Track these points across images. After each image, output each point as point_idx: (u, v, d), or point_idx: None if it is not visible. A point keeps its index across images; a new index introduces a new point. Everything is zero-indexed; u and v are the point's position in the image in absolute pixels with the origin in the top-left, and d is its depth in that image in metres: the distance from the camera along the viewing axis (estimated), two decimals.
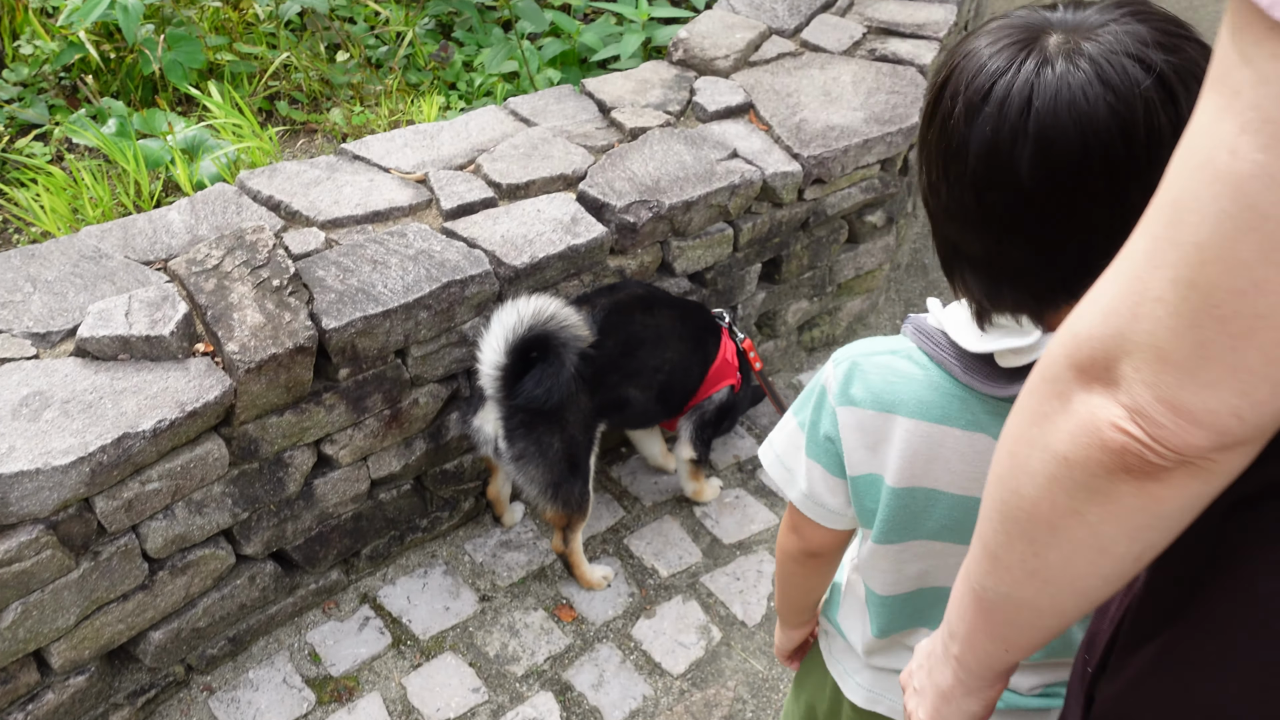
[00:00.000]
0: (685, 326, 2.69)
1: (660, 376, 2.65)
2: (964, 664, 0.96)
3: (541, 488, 2.47)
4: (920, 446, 1.22)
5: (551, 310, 2.27)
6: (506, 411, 2.39)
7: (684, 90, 3.17)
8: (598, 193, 2.69)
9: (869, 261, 3.38)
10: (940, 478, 1.23)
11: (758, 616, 2.70)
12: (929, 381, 1.21)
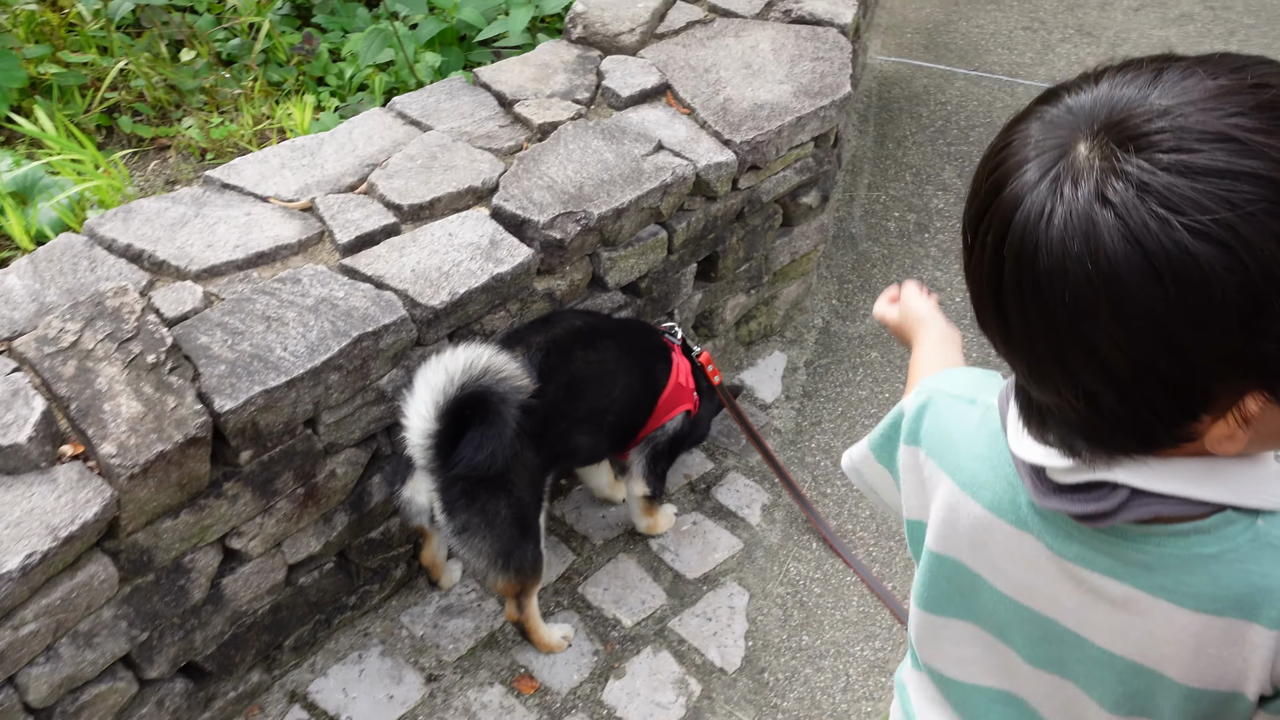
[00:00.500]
0: (631, 356, 2.39)
1: (609, 418, 2.35)
2: None
3: (491, 559, 2.16)
4: (962, 523, 1.06)
5: (485, 362, 1.94)
6: (443, 483, 2.06)
7: (590, 74, 2.83)
8: (515, 207, 2.35)
9: (804, 244, 3.12)
10: (983, 565, 1.07)
11: (737, 660, 2.45)
12: (991, 456, 1.04)
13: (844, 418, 3.03)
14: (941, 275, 3.49)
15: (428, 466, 2.01)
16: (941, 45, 4.68)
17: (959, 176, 3.91)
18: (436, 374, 1.92)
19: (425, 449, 1.98)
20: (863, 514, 2.78)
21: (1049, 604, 1.02)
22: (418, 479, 2.11)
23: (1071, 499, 0.93)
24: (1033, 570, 1.01)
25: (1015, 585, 1.04)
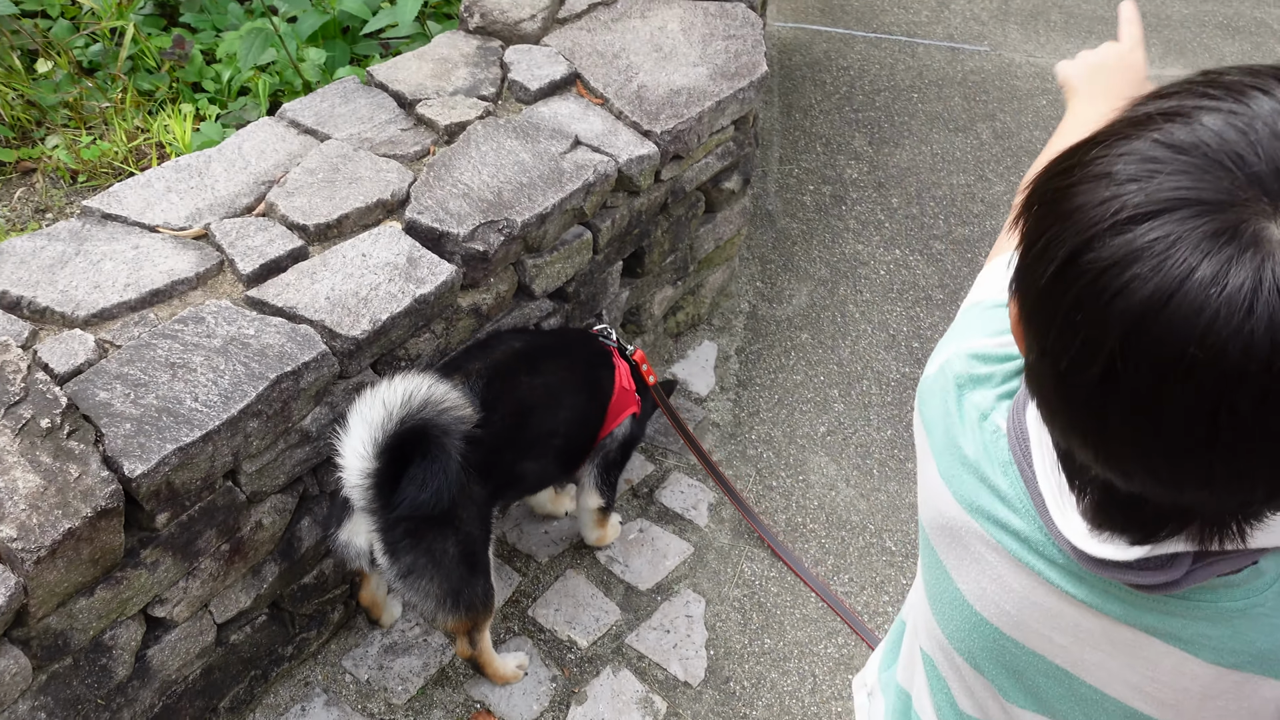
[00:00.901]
0: (575, 372, 2.27)
1: (557, 441, 2.23)
2: None
3: (439, 600, 2.02)
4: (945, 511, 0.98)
5: (425, 394, 1.80)
6: (385, 524, 1.91)
7: (493, 66, 2.66)
8: (431, 219, 2.19)
9: (727, 230, 3.02)
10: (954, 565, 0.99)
11: (700, 672, 2.37)
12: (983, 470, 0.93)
13: (781, 405, 2.95)
14: (863, 248, 3.44)
15: (367, 507, 1.87)
16: (837, 8, 4.61)
17: (869, 144, 3.85)
18: (373, 409, 1.77)
19: (364, 489, 1.83)
20: (811, 505, 2.71)
21: (1040, 640, 0.94)
22: (356, 520, 1.96)
23: (1127, 572, 0.84)
24: (1026, 603, 0.93)
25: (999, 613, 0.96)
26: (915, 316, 3.23)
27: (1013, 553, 0.92)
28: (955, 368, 0.99)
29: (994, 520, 0.93)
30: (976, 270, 3.37)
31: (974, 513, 0.95)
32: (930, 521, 1.02)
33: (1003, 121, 4.00)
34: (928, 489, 1.02)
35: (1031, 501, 0.90)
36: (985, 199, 3.66)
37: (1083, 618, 0.90)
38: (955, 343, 1.01)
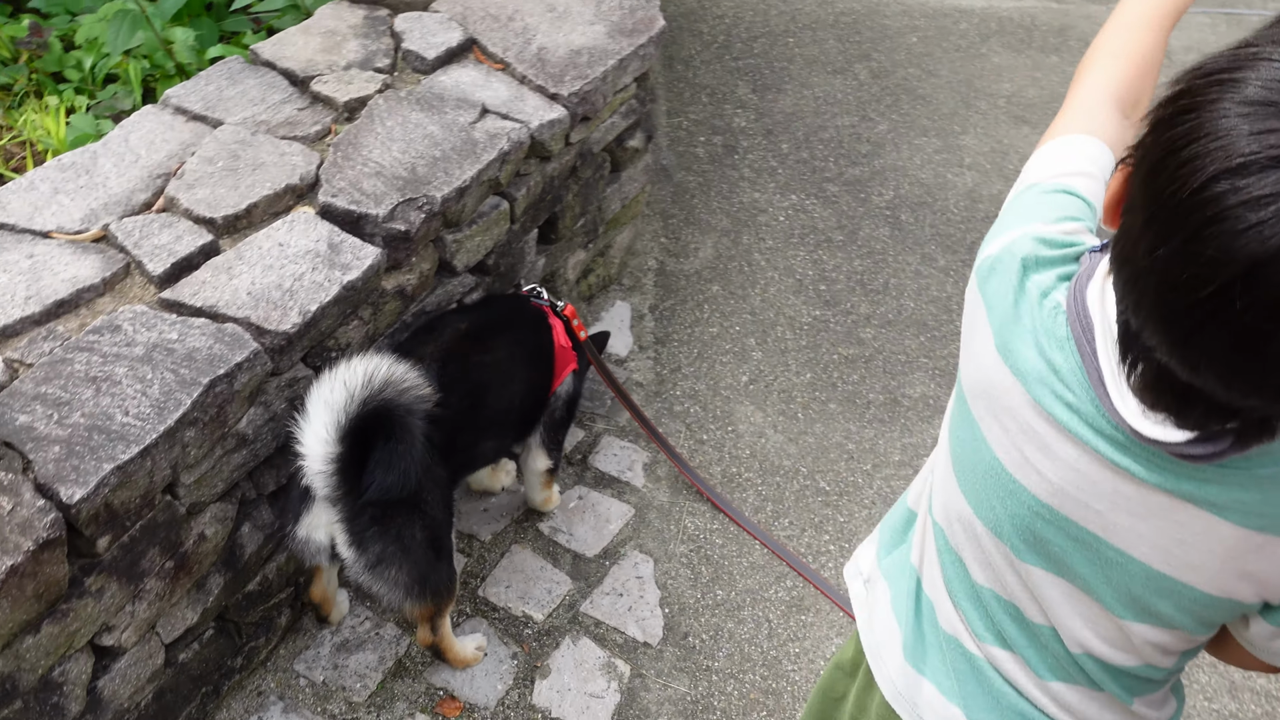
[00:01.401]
0: (520, 341, 2.25)
1: (514, 415, 2.23)
2: None
3: (406, 588, 1.97)
4: (998, 382, 1.02)
5: (384, 374, 1.75)
6: (351, 512, 1.85)
7: (384, 37, 2.57)
8: (347, 201, 2.11)
9: (632, 188, 3.00)
10: (996, 436, 1.04)
11: (658, 631, 2.38)
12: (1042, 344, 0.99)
13: (701, 358, 2.97)
14: (760, 196, 3.46)
15: (331, 495, 1.81)
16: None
17: (753, 91, 3.87)
18: (334, 391, 1.71)
19: (328, 475, 1.78)
20: (743, 454, 2.74)
21: (1075, 506, 1.00)
22: (315, 513, 1.90)
23: (1173, 445, 0.90)
24: (1069, 470, 0.99)
25: (1040, 481, 1.02)
26: (819, 259, 3.27)
27: (1063, 423, 0.97)
28: (1022, 249, 1.03)
29: (1048, 391, 0.98)
30: (870, 210, 3.44)
31: (1029, 384, 0.99)
32: (979, 392, 1.06)
33: (878, 61, 4.07)
34: (980, 363, 1.05)
35: (1086, 376, 0.95)
36: (870, 139, 3.72)
37: (1122, 484, 0.96)
38: (1020, 225, 1.05)
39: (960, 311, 3.16)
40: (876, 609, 1.33)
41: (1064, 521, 1.02)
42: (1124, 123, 1.12)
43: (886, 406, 2.88)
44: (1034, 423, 1.00)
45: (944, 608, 1.22)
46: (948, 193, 3.53)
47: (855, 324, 3.08)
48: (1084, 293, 0.96)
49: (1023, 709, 1.17)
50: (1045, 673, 1.15)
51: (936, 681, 1.23)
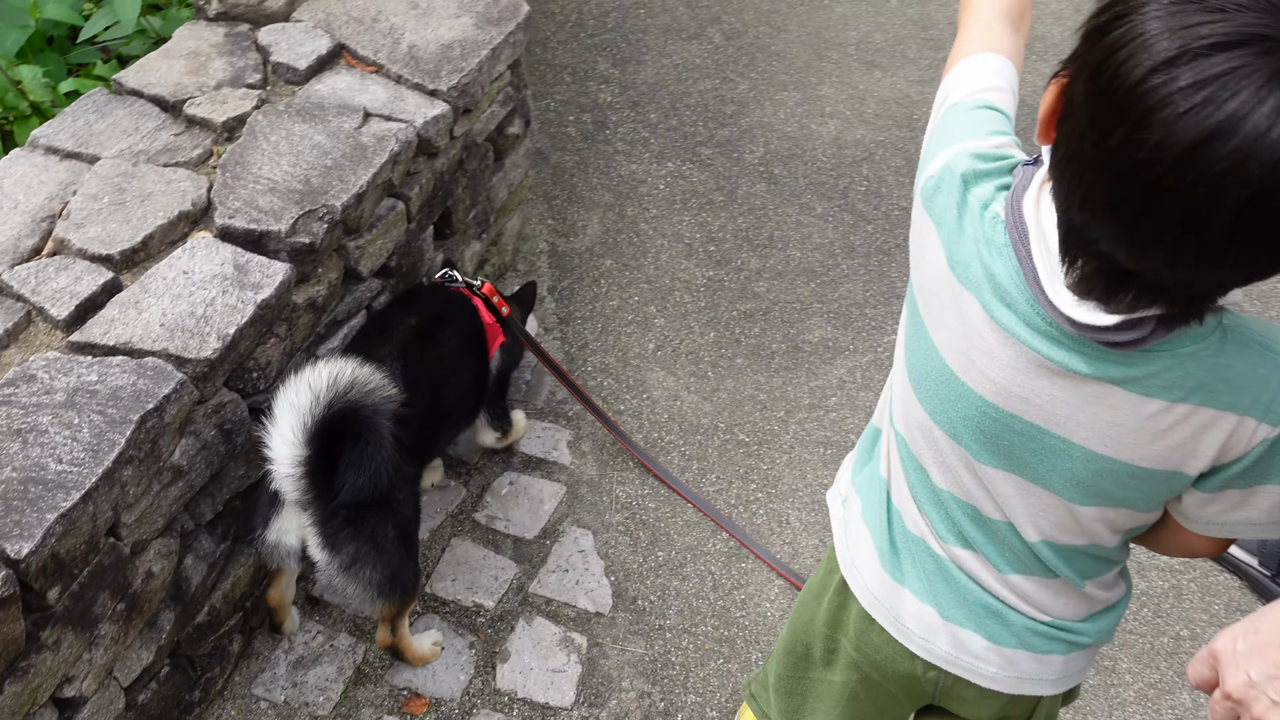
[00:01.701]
0: (461, 331, 2.35)
1: (469, 402, 2.33)
2: None
3: (379, 587, 2.01)
4: (949, 292, 1.13)
5: (350, 375, 1.79)
6: (323, 514, 1.88)
7: (250, 52, 2.54)
8: (246, 221, 2.10)
9: (516, 174, 3.03)
10: (946, 343, 1.16)
11: (608, 599, 2.45)
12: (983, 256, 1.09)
13: (606, 332, 3.03)
14: (638, 167, 3.53)
15: (301, 499, 1.84)
16: None
17: (614, 65, 3.92)
18: (300, 394, 1.75)
19: (297, 479, 1.81)
20: (661, 418, 2.82)
21: (1018, 402, 1.11)
22: (285, 517, 1.93)
23: (1104, 333, 1.02)
24: (1010, 369, 1.09)
25: (985, 381, 1.12)
26: (704, 222, 3.36)
27: (1003, 325, 1.08)
28: (961, 165, 1.13)
29: (990, 297, 1.08)
30: (745, 168, 3.54)
31: (974, 291, 1.10)
32: (930, 309, 1.16)
33: (729, 23, 4.16)
34: (931, 275, 1.15)
35: (1023, 279, 1.05)
36: (734, 99, 3.82)
37: (1057, 377, 1.07)
38: (955, 143, 1.15)
39: (844, 255, 3.30)
40: (851, 524, 1.42)
41: (1009, 418, 1.12)
42: (1016, 35, 1.23)
43: (789, 354, 3.00)
44: (979, 328, 1.10)
45: (910, 513, 1.32)
46: (814, 143, 3.66)
47: (748, 279, 3.19)
48: (1020, 202, 1.06)
49: (987, 602, 1.28)
50: (1004, 566, 1.25)
51: (911, 587, 1.34)
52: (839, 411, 2.87)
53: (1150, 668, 2.42)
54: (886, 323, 3.09)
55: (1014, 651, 1.30)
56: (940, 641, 1.32)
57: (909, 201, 3.42)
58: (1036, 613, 1.28)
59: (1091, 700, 2.35)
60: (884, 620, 1.37)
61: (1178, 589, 2.56)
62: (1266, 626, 0.95)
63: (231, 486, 2.11)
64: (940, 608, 1.31)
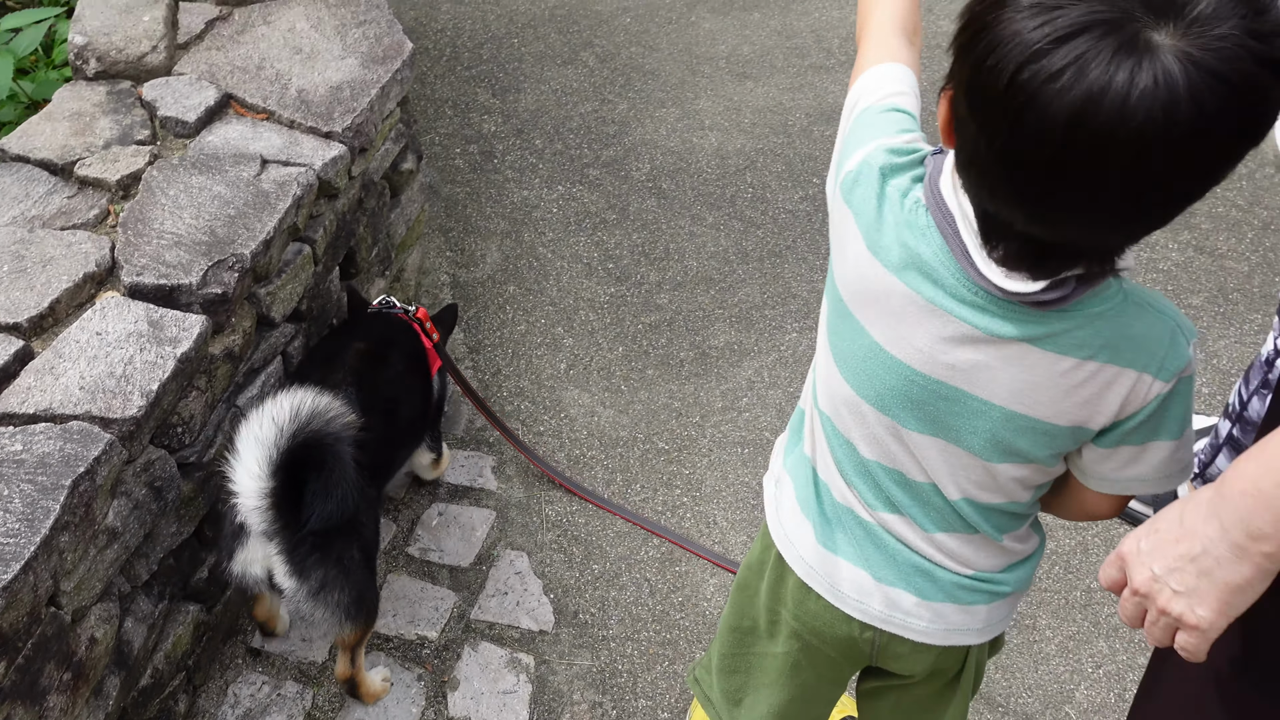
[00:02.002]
0: (407, 353, 2.40)
1: (419, 423, 2.40)
2: (1277, 558, 0.99)
3: (345, 610, 2.05)
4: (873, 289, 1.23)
5: (311, 406, 1.83)
6: (290, 543, 1.91)
7: (136, 108, 2.52)
8: (156, 277, 2.09)
9: (413, 210, 3.06)
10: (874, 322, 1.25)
11: (549, 616, 2.49)
12: (907, 239, 1.19)
13: (517, 357, 3.07)
14: (529, 193, 3.59)
15: (268, 529, 1.87)
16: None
17: (494, 95, 3.98)
18: (264, 427, 1.78)
19: (263, 510, 1.84)
20: (581, 435, 2.88)
21: (944, 369, 1.21)
22: (250, 548, 1.95)
23: (1033, 296, 1.12)
24: (938, 339, 1.20)
25: (913, 352, 1.22)
26: (600, 240, 3.44)
27: (929, 299, 1.18)
28: (878, 160, 1.23)
29: (915, 275, 1.18)
30: (634, 185, 3.63)
31: (898, 272, 1.19)
32: (855, 293, 1.26)
33: (601, 46, 4.26)
34: (855, 263, 1.25)
35: (950, 256, 1.15)
36: (614, 119, 3.91)
37: (981, 343, 1.18)
38: (869, 141, 1.25)
39: (738, 261, 3.41)
40: (783, 502, 1.51)
41: (936, 384, 1.23)
42: (911, 48, 1.35)
43: (698, 361, 3.09)
44: (904, 305, 1.20)
45: (837, 486, 1.41)
46: (697, 155, 3.77)
47: (649, 292, 3.27)
48: (938, 187, 1.17)
49: (915, 561, 1.39)
50: (930, 526, 1.36)
51: (844, 554, 1.43)
52: (751, 411, 2.96)
53: (1067, 621, 2.56)
54: (786, 322, 3.20)
55: (942, 605, 1.40)
56: (874, 602, 1.42)
57: (794, 205, 3.59)
58: (961, 567, 1.38)
59: (1017, 657, 2.48)
60: (821, 589, 1.46)
61: (1084, 545, 2.72)
62: (1164, 526, 1.07)
63: (165, 545, 2.09)
64: (872, 570, 1.41)
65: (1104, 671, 2.48)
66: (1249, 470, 0.98)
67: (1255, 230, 3.62)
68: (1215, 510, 1.01)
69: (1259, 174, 3.82)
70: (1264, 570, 0.99)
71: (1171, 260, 3.46)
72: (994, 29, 0.96)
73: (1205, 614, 1.03)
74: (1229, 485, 1.00)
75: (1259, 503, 0.96)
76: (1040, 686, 2.45)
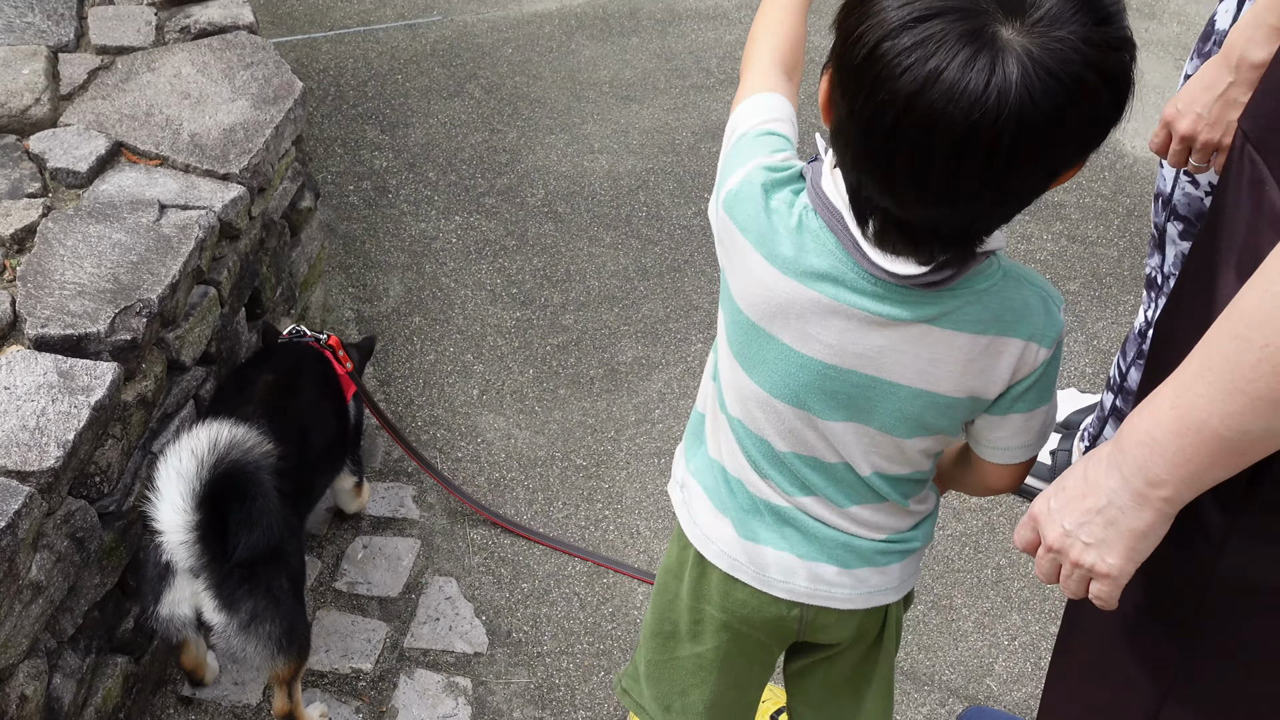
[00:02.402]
0: (318, 380, 2.42)
1: (336, 450, 2.40)
2: (1174, 502, 1.07)
3: (278, 642, 2.03)
4: (774, 298, 1.30)
5: (228, 437, 1.84)
6: (218, 577, 1.92)
7: (24, 162, 2.48)
8: (61, 328, 2.07)
9: (313, 248, 3.06)
10: (782, 328, 1.31)
11: (483, 638, 2.51)
12: (799, 240, 1.26)
13: (429, 386, 3.09)
14: (427, 225, 3.61)
15: (195, 564, 1.87)
16: (285, 16, 4.63)
17: (383, 132, 4.00)
18: (184, 461, 1.78)
19: (190, 544, 1.84)
20: (499, 458, 2.91)
21: (854, 358, 1.30)
22: (177, 588, 1.95)
23: (919, 279, 1.22)
24: (845, 332, 1.28)
25: (823, 348, 1.30)
26: (501, 267, 3.48)
27: (831, 297, 1.25)
28: (758, 178, 1.30)
29: (815, 276, 1.25)
30: (530, 211, 3.69)
31: (800, 278, 1.26)
32: (758, 306, 1.32)
33: (485, 77, 4.31)
34: (751, 281, 1.31)
35: (843, 249, 1.23)
36: (505, 148, 3.97)
37: (885, 328, 1.26)
38: (747, 162, 1.32)
39: (639, 277, 3.49)
40: (694, 504, 1.57)
41: (846, 374, 1.31)
42: (789, 82, 1.44)
43: (607, 378, 3.15)
44: (808, 307, 1.28)
45: (751, 480, 1.48)
46: (589, 178, 3.84)
47: (554, 314, 3.33)
48: (820, 188, 1.25)
49: (832, 536, 1.47)
50: (844, 502, 1.44)
51: (766, 541, 1.50)
52: (665, 422, 3.04)
53: (981, 598, 2.69)
54: (690, 333, 3.29)
55: (861, 570, 1.50)
56: (799, 580, 1.50)
57: (688, 220, 3.70)
58: (874, 533, 1.48)
59: (937, 636, 2.59)
60: (747, 577, 1.52)
61: (991, 525, 2.85)
62: (1071, 484, 1.16)
63: (89, 597, 2.06)
64: (795, 550, 1.48)
65: (1019, 643, 2.60)
66: (1141, 422, 1.07)
67: (1120, 217, 3.85)
68: (1115, 463, 1.10)
69: (1119, 165, 4.07)
70: (1164, 515, 1.09)
71: (1047, 250, 3.66)
72: (867, 5, 1.07)
73: (1115, 561, 1.12)
74: (1125, 438, 1.09)
75: (1154, 451, 1.05)
76: (961, 662, 2.56)
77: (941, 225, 1.15)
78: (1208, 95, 1.80)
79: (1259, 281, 0.94)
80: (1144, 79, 1.09)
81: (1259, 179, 1.10)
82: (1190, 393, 1.01)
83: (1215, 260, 1.15)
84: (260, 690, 2.36)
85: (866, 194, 1.16)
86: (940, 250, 1.18)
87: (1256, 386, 0.94)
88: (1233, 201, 1.14)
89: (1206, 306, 1.01)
